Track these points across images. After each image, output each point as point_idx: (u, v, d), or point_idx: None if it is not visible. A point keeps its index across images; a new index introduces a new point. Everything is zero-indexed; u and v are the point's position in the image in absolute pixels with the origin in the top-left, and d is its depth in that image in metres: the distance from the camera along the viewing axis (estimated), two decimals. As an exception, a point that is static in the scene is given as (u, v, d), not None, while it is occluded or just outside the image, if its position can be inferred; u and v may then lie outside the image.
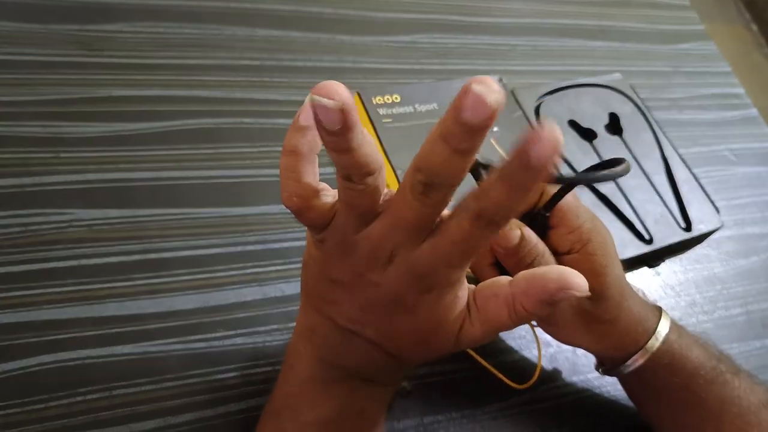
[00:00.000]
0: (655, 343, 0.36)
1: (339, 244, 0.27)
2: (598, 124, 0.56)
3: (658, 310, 0.38)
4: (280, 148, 0.49)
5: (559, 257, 0.34)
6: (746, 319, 0.53)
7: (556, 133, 0.20)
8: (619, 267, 0.35)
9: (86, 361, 0.36)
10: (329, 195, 0.27)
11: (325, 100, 0.21)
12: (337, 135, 0.22)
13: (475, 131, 0.21)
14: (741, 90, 0.72)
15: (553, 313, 0.36)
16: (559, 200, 0.33)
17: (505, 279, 0.28)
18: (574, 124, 0.55)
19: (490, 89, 0.20)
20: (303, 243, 0.44)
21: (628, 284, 0.36)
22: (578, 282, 0.25)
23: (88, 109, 0.45)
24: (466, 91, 0.20)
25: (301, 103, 0.51)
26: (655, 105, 0.63)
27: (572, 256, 0.34)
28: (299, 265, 0.44)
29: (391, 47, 0.58)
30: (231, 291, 0.41)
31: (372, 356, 0.30)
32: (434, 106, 0.51)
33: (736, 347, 0.51)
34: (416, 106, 0.51)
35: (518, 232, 0.32)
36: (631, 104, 0.59)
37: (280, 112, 0.50)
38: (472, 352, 0.43)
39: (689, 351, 0.37)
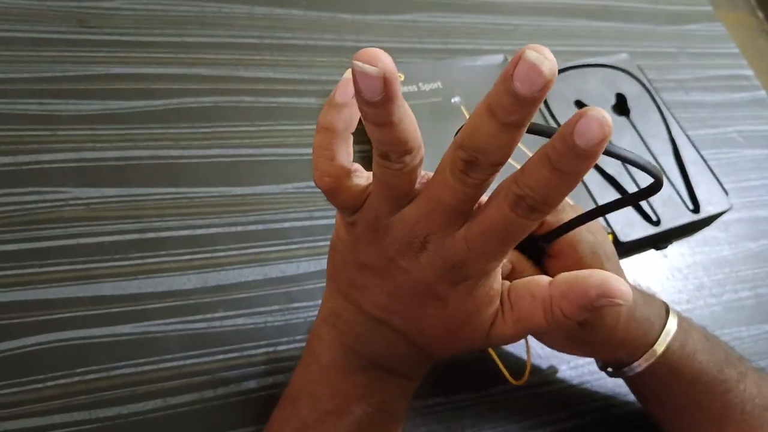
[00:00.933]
0: (657, 349, 0.35)
1: (370, 228, 0.26)
2: (605, 105, 0.55)
3: (665, 312, 0.36)
4: (280, 127, 0.48)
5: None
6: (755, 302, 0.52)
7: (605, 116, 0.19)
8: None
9: (85, 340, 0.36)
10: (363, 176, 0.26)
11: (367, 67, 0.20)
12: (377, 106, 0.21)
13: (527, 103, 0.20)
14: (749, 71, 0.71)
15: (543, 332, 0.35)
16: (562, 234, 0.31)
17: (544, 279, 0.27)
18: (580, 105, 0.54)
19: (545, 57, 0.19)
20: (304, 223, 0.44)
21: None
22: (621, 289, 0.24)
23: (84, 87, 0.44)
24: (518, 59, 0.19)
25: (298, 81, 0.50)
26: (662, 86, 0.62)
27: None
28: (300, 246, 0.43)
29: (393, 26, 0.56)
30: (231, 271, 0.40)
31: (397, 346, 0.29)
32: (438, 85, 0.50)
33: (745, 331, 0.50)
34: (420, 84, 0.50)
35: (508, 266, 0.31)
36: (638, 85, 0.58)
37: (280, 91, 0.49)
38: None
39: (692, 358, 0.35)
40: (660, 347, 0.35)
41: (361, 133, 0.24)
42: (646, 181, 0.51)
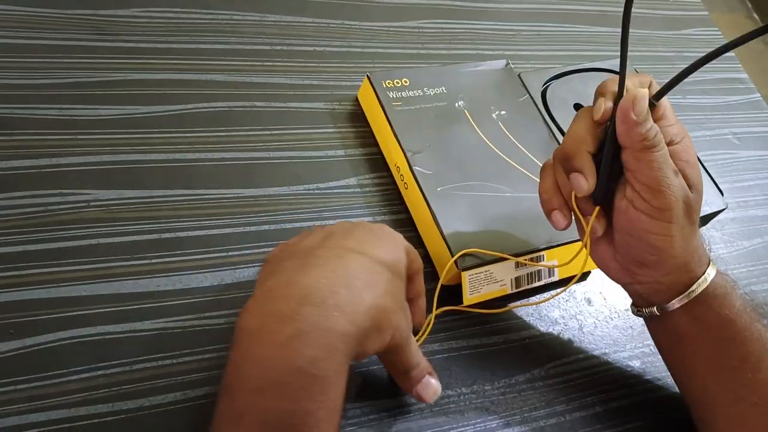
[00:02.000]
0: (702, 284, 0.38)
1: None
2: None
3: (708, 261, 0.39)
4: (291, 131, 0.50)
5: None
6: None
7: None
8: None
9: (105, 336, 0.37)
10: None
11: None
12: None
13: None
14: (744, 75, 0.73)
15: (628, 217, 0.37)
16: (667, 92, 0.36)
17: None
18: (579, 108, 0.56)
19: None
20: (314, 223, 0.45)
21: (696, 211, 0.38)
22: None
23: (103, 93, 0.46)
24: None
25: (308, 86, 0.52)
26: (660, 89, 0.64)
27: (674, 147, 0.37)
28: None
29: (398, 32, 0.58)
30: (245, 270, 0.42)
31: None
32: (442, 89, 0.52)
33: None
34: (425, 89, 0.51)
35: (647, 96, 0.35)
36: (635, 88, 0.59)
37: (291, 96, 0.51)
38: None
39: (730, 300, 0.38)
40: (703, 283, 0.38)
41: (368, 136, 0.26)
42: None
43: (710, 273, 0.38)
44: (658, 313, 0.39)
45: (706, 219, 0.56)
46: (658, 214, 0.36)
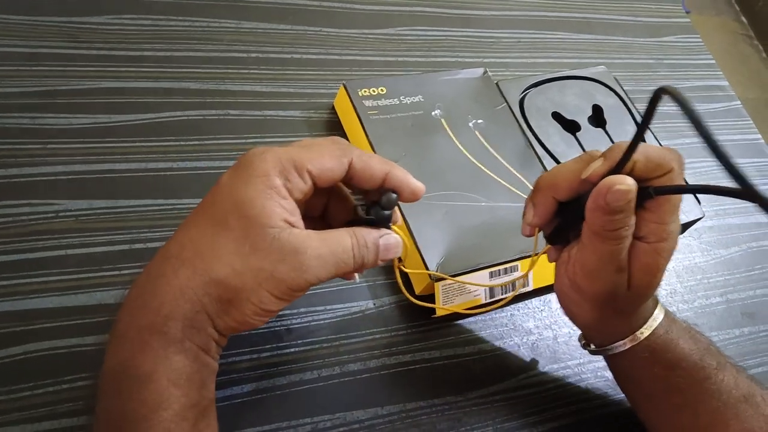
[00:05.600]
0: (644, 332, 0.37)
1: None
2: (582, 116, 0.57)
3: (656, 300, 0.39)
4: (266, 140, 0.50)
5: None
6: (726, 308, 0.54)
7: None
8: None
9: (72, 349, 0.37)
10: None
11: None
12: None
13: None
14: (725, 82, 0.73)
15: (588, 280, 0.36)
16: (671, 194, 0.33)
17: None
18: (557, 116, 0.56)
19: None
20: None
21: None
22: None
23: (76, 101, 0.45)
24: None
25: (284, 94, 0.51)
26: (639, 97, 0.64)
27: (643, 244, 0.34)
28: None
29: (377, 39, 0.58)
30: (217, 280, 0.42)
31: None
32: (419, 98, 0.52)
33: (716, 336, 0.52)
34: (401, 98, 0.51)
35: (631, 192, 0.32)
36: (614, 96, 0.60)
37: (265, 104, 0.50)
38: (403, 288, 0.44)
39: (675, 344, 0.38)
40: (646, 331, 0.37)
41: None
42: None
43: (657, 317, 0.38)
44: (601, 353, 0.40)
45: (684, 227, 0.56)
46: (578, 289, 0.36)
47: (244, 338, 0.40)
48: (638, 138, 0.31)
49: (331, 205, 0.36)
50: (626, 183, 0.31)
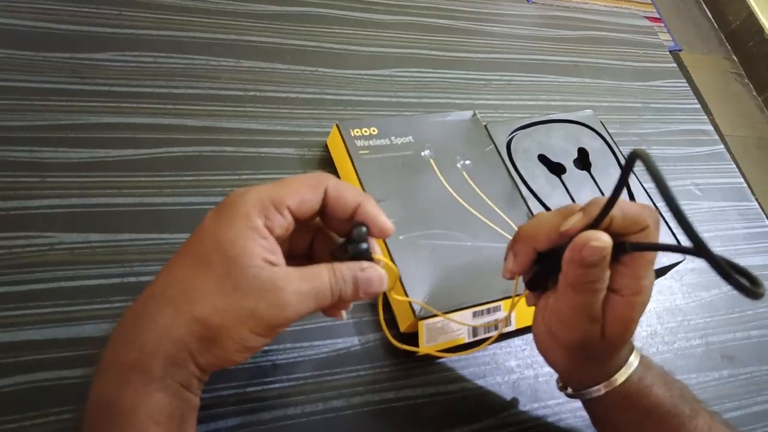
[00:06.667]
0: (619, 378, 0.38)
1: None
2: (568, 159, 0.58)
3: (631, 346, 0.40)
4: (260, 176, 0.51)
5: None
6: (705, 350, 0.55)
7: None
8: None
9: (62, 381, 0.38)
10: None
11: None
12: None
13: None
14: (709, 126, 0.75)
15: (563, 328, 0.37)
16: (646, 250, 0.33)
17: None
18: (543, 159, 0.57)
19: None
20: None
21: None
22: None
23: (75, 135, 0.47)
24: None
25: (279, 132, 0.53)
26: (625, 140, 0.66)
27: (617, 297, 0.35)
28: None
29: (371, 80, 0.60)
30: (206, 315, 0.43)
31: None
32: (409, 138, 0.53)
33: (695, 378, 0.53)
34: (392, 138, 0.53)
35: (605, 249, 0.32)
36: (600, 140, 0.61)
37: (261, 141, 0.52)
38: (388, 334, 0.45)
39: (649, 390, 0.38)
40: (621, 377, 0.38)
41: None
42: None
43: (632, 363, 0.39)
44: (577, 397, 0.41)
45: (665, 270, 0.57)
46: (554, 336, 0.38)
47: (230, 373, 0.41)
48: (616, 195, 0.32)
49: (316, 244, 0.37)
50: (602, 240, 0.32)
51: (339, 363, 0.44)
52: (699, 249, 0.28)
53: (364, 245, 0.34)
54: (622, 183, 0.32)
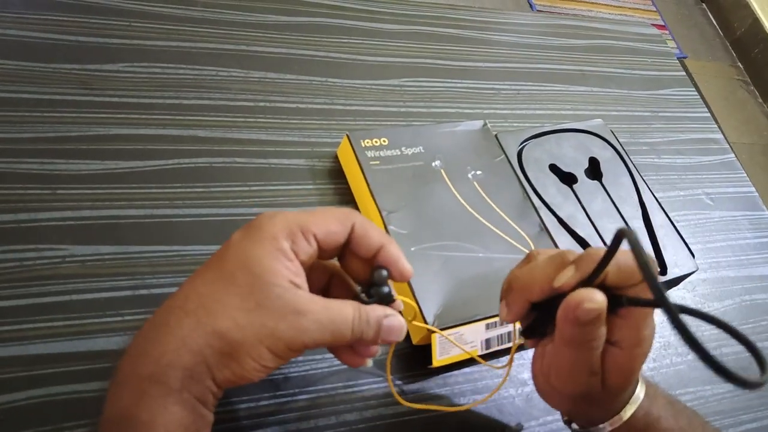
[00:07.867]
0: (624, 414, 0.37)
1: None
2: (579, 169, 0.58)
3: (636, 379, 0.38)
4: (271, 187, 0.51)
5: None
6: (719, 361, 0.55)
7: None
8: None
9: (74, 395, 0.37)
10: None
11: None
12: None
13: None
14: (719, 135, 0.75)
15: (562, 374, 0.36)
16: (640, 305, 0.32)
17: None
18: (554, 168, 0.57)
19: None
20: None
21: None
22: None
23: (85, 147, 0.47)
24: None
25: (289, 143, 0.53)
26: (634, 149, 0.66)
27: (615, 349, 0.34)
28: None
29: (380, 90, 0.60)
30: (217, 327, 0.42)
31: None
32: (420, 149, 0.53)
33: (709, 390, 0.53)
34: (403, 149, 0.53)
35: (599, 309, 0.32)
36: (610, 149, 0.61)
37: (271, 152, 0.52)
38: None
39: (657, 423, 0.38)
40: (626, 413, 0.37)
41: (347, 192, 0.26)
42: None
43: (637, 397, 0.37)
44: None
45: (678, 281, 0.57)
46: (551, 388, 0.37)
47: (242, 386, 0.41)
48: (609, 257, 0.31)
49: (332, 287, 0.37)
50: (595, 300, 0.31)
51: (352, 376, 0.43)
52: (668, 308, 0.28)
53: (386, 288, 0.34)
54: (608, 258, 0.31)
